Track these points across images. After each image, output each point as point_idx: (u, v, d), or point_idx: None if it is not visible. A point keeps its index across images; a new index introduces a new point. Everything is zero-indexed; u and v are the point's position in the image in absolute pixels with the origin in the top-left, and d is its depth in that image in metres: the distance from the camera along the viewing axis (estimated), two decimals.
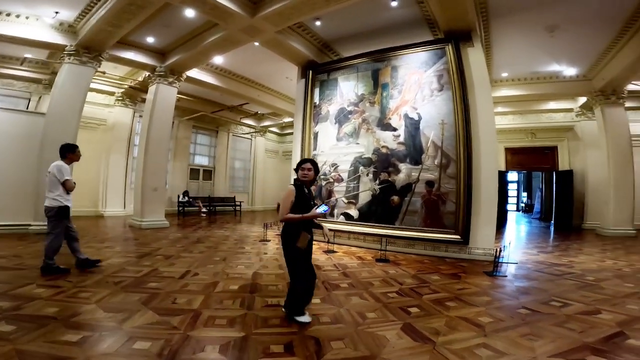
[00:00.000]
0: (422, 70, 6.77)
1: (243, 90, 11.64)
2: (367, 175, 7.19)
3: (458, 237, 6.04)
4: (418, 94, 6.75)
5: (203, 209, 13.72)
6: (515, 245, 7.82)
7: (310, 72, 8.27)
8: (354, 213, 7.26)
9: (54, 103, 7.56)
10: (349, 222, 7.28)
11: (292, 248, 2.94)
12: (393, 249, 6.47)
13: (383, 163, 7.01)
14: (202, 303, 3.31)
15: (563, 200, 12.30)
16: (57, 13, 6.98)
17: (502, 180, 13.01)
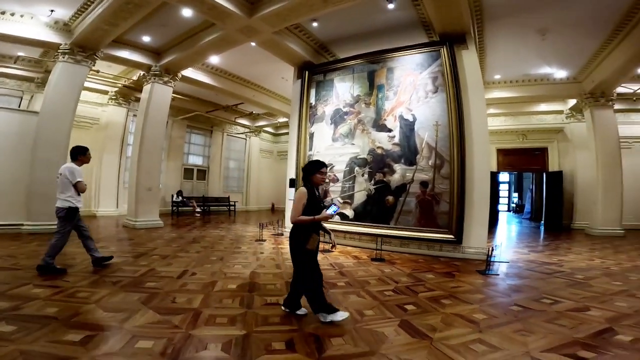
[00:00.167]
0: (417, 72, 6.86)
1: (238, 90, 11.63)
2: (362, 176, 7.26)
3: (451, 236, 6.15)
4: (413, 96, 6.83)
5: (197, 209, 13.67)
6: (507, 245, 7.98)
7: (307, 72, 8.31)
8: (350, 213, 7.33)
9: (48, 102, 7.48)
10: (345, 222, 7.34)
11: (302, 250, 2.94)
12: (388, 249, 6.56)
13: (378, 163, 7.09)
14: (201, 302, 3.34)
15: (553, 201, 12.53)
16: (52, 11, 6.92)
17: (493, 181, 13.23)
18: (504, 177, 22.08)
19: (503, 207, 22.10)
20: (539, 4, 6.32)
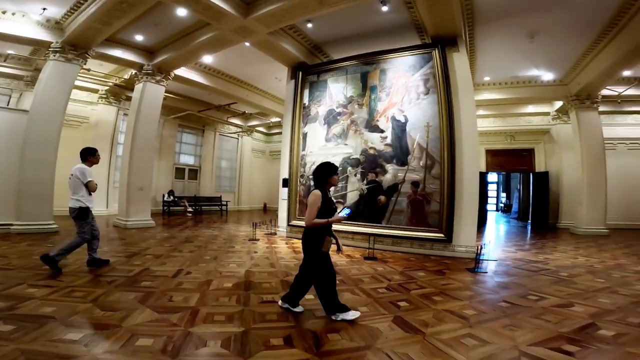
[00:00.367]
0: (409, 74, 6.97)
1: (231, 90, 11.60)
2: (355, 176, 7.35)
3: (442, 235, 6.28)
4: (405, 97, 6.94)
5: (189, 209, 13.61)
6: (495, 244, 8.18)
7: (300, 73, 8.35)
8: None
9: (38, 100, 7.38)
10: None
11: (318, 252, 2.99)
12: (380, 247, 6.67)
13: (370, 164, 7.19)
14: (198, 300, 3.38)
15: (539, 201, 12.82)
16: (44, 9, 6.83)
17: (482, 181, 13.45)
18: (493, 177, 22.45)
19: (492, 206, 22.47)
20: (529, 8, 6.47)
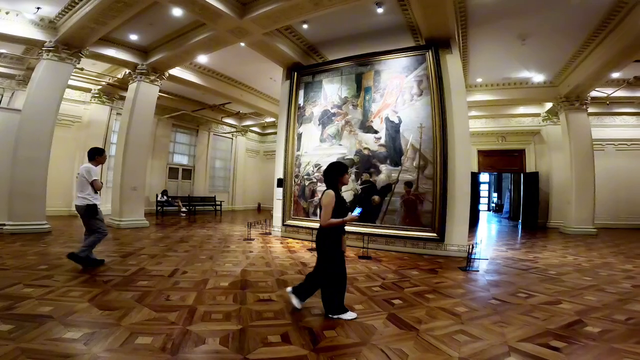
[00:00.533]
0: (403, 75, 7.06)
1: (226, 90, 11.59)
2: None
3: (435, 234, 6.39)
4: (399, 98, 7.03)
5: (183, 209, 13.56)
6: (487, 243, 8.32)
7: (295, 73, 8.40)
8: None
9: (30, 100, 7.31)
10: None
11: (334, 252, 3.04)
12: (374, 247, 6.76)
13: (365, 164, 7.27)
14: (195, 299, 3.41)
15: (530, 201, 13.03)
16: (38, 8, 6.77)
17: (474, 181, 13.62)
18: (485, 177, 22.74)
19: (483, 206, 22.76)
20: (521, 11, 6.58)
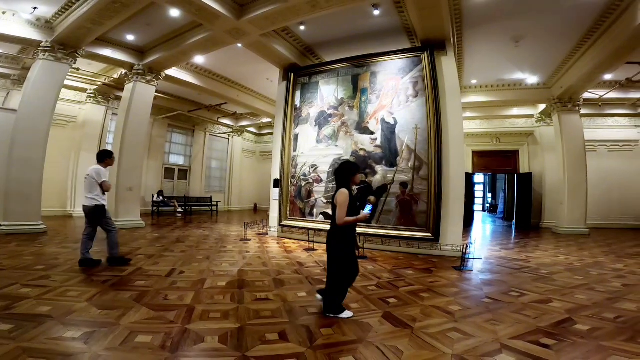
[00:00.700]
0: (399, 77, 7.13)
1: (222, 90, 11.60)
2: None
3: (429, 234, 6.47)
4: (395, 100, 7.11)
5: (179, 209, 13.54)
6: (481, 243, 8.42)
7: (292, 74, 8.44)
8: None
9: (26, 100, 7.29)
10: (328, 221, 7.51)
11: (346, 252, 3.11)
12: (370, 247, 6.82)
13: (361, 165, 7.26)
14: (193, 299, 3.45)
15: (523, 201, 13.17)
16: (35, 8, 6.76)
17: (469, 182, 13.78)
18: (479, 178, 22.93)
19: (478, 207, 22.95)
20: (514, 13, 6.68)
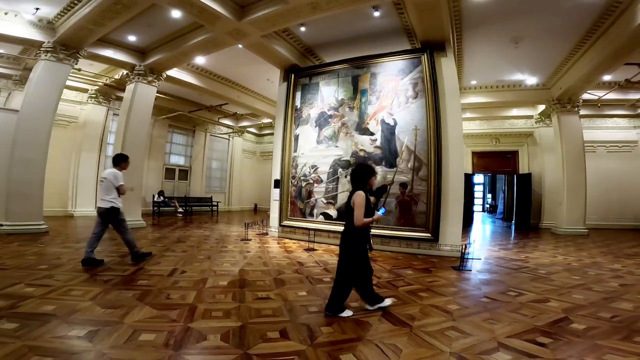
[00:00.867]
0: (399, 78, 7.17)
1: (223, 91, 11.64)
2: (345, 177, 7.52)
3: (429, 235, 6.52)
4: (394, 101, 7.15)
5: (179, 209, 13.59)
6: (480, 243, 8.47)
7: (293, 75, 8.48)
8: (333, 213, 7.60)
9: (28, 100, 7.33)
10: (328, 221, 7.60)
11: (360, 254, 3.16)
12: None
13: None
14: (195, 298, 3.50)
15: (522, 202, 13.22)
16: (37, 9, 6.81)
17: (469, 183, 13.81)
18: (479, 178, 22.97)
19: (478, 207, 22.99)
20: (514, 14, 6.71)
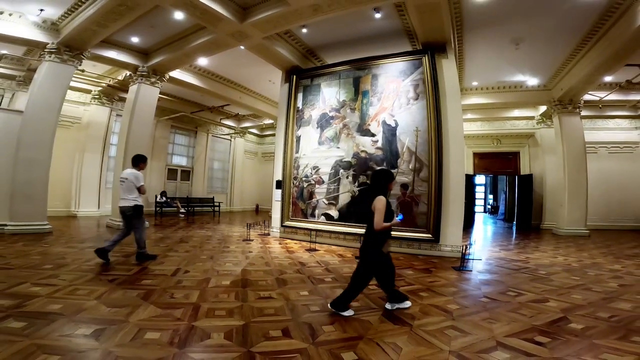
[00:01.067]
0: (400, 79, 7.22)
1: (225, 92, 11.70)
2: (346, 178, 7.58)
3: (429, 235, 6.55)
4: (395, 102, 7.19)
5: (181, 210, 13.66)
6: (481, 244, 8.50)
7: (294, 77, 8.53)
8: (334, 213, 7.64)
9: (32, 101, 7.40)
10: (330, 222, 7.64)
11: (381, 257, 3.28)
12: None
13: (362, 166, 7.42)
14: (199, 297, 3.55)
15: (524, 203, 13.23)
16: (42, 10, 6.88)
17: (470, 183, 13.83)
18: (481, 179, 22.95)
19: (479, 208, 22.98)
20: (515, 16, 6.74)
